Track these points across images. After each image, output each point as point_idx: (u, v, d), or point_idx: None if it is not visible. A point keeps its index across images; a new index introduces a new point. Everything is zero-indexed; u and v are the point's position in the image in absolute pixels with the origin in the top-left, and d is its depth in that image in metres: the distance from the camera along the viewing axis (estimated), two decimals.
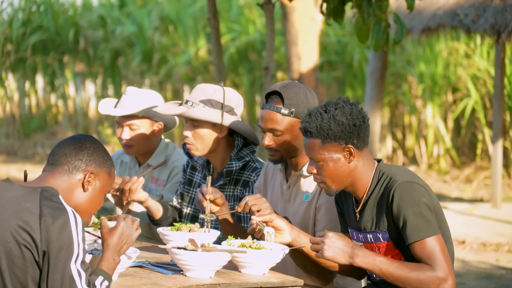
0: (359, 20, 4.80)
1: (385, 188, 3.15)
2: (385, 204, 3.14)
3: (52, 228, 2.62)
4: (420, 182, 3.15)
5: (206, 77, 15.32)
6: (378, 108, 10.35)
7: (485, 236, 8.45)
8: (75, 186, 2.82)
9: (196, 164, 4.06)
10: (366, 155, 3.21)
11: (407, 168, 3.27)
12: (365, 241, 3.24)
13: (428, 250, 3.06)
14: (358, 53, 13.71)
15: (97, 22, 16.20)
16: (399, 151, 13.46)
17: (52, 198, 2.70)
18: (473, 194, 11.34)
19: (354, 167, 3.17)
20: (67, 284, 2.61)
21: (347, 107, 3.16)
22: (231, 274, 3.16)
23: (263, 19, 14.59)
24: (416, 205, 3.08)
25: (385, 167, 3.21)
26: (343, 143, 3.14)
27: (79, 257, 2.65)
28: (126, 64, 16.06)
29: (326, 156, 3.15)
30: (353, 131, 3.14)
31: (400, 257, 3.19)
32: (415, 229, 3.06)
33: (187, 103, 3.86)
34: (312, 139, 3.16)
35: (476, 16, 8.61)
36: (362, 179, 3.20)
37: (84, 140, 2.86)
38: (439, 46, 12.82)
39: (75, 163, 2.81)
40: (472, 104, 12.43)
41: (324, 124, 3.13)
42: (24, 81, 16.15)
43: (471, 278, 7.09)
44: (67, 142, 2.85)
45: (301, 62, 9.91)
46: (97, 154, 2.85)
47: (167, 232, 3.41)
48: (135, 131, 4.27)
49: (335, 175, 3.16)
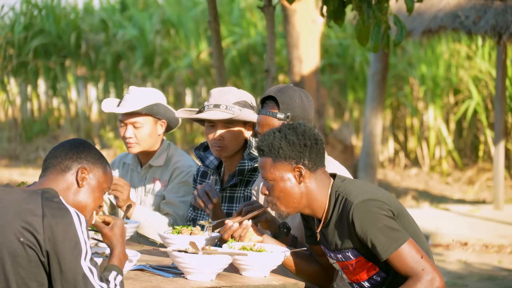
0: (359, 22, 4.80)
1: (343, 210, 3.13)
2: (347, 227, 3.12)
3: (57, 229, 2.64)
4: (374, 196, 3.12)
5: (208, 80, 15.33)
6: (380, 110, 10.35)
7: (487, 237, 8.44)
8: (71, 184, 2.85)
9: (208, 168, 4.07)
10: (320, 176, 3.19)
11: (361, 181, 3.26)
12: (336, 260, 3.25)
13: (405, 258, 3.05)
14: (359, 55, 13.71)
15: (98, 26, 16.22)
16: (401, 153, 13.46)
17: (53, 199, 2.72)
18: (475, 196, 11.33)
19: (305, 189, 3.16)
20: (81, 282, 2.64)
21: (300, 128, 3.17)
22: (232, 277, 3.16)
23: (264, 22, 14.59)
24: (378, 221, 3.06)
25: (339, 187, 3.18)
26: (294, 162, 3.14)
27: (87, 255, 2.68)
28: (127, 67, 16.07)
29: (276, 175, 3.15)
30: (303, 151, 3.13)
31: (375, 268, 3.18)
32: (386, 245, 3.05)
33: (221, 107, 3.89)
34: (264, 157, 3.17)
35: (477, 17, 8.61)
36: (318, 200, 3.18)
37: (74, 141, 2.91)
38: (441, 48, 12.82)
39: (66, 162, 2.85)
40: (474, 106, 12.43)
41: (275, 143, 3.14)
42: (26, 85, 16.16)
43: (474, 280, 7.09)
44: (57, 147, 2.91)
45: (303, 65, 9.91)
46: (88, 152, 2.89)
47: (168, 235, 3.42)
48: (139, 129, 4.30)
49: (285, 196, 3.15)
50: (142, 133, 4.31)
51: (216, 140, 3.90)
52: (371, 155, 10.26)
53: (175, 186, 4.31)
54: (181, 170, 4.34)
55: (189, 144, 15.46)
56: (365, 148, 10.33)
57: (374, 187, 3.20)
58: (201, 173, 4.18)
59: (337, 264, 3.26)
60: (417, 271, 3.04)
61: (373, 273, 3.18)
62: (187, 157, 4.42)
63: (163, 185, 4.37)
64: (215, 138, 3.90)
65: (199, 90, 15.87)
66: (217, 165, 4.09)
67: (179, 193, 4.29)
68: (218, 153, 3.93)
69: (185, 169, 4.33)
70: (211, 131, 3.93)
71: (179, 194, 4.29)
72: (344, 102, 14.32)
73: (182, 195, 4.29)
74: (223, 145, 3.91)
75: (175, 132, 15.89)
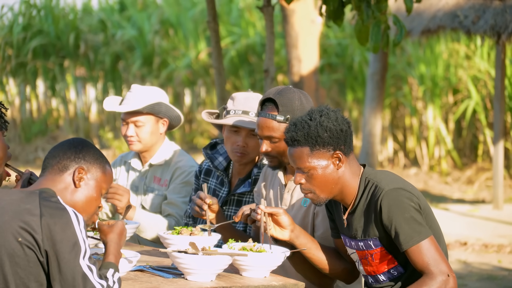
0: (358, 22, 4.80)
1: (372, 197, 3.14)
2: (373, 214, 3.13)
3: (55, 228, 2.64)
4: (405, 186, 3.15)
5: (207, 80, 15.32)
6: (379, 110, 10.35)
7: (487, 237, 8.44)
8: (68, 184, 2.84)
9: (217, 170, 4.05)
10: (352, 160, 3.21)
11: (392, 173, 3.27)
12: (357, 248, 3.24)
13: (424, 254, 3.06)
14: (358, 55, 13.70)
15: (97, 26, 16.21)
16: (400, 153, 13.46)
17: (51, 198, 2.72)
18: (475, 196, 11.34)
19: (342, 174, 3.16)
20: (80, 281, 2.64)
21: (332, 114, 3.16)
22: (232, 277, 3.16)
23: (263, 22, 14.59)
24: (405, 211, 3.08)
25: (370, 174, 3.20)
26: (331, 149, 3.13)
27: (86, 253, 2.68)
28: (126, 68, 16.06)
29: (315, 164, 3.13)
30: (340, 137, 3.14)
31: (393, 262, 3.18)
32: (408, 235, 3.06)
33: (250, 114, 3.85)
34: (299, 147, 3.14)
35: (476, 17, 8.61)
36: (350, 186, 3.19)
37: (73, 141, 2.90)
38: (440, 48, 12.82)
39: (64, 161, 2.85)
40: (473, 106, 12.43)
41: (311, 132, 3.12)
42: (25, 85, 16.15)
43: (473, 279, 7.08)
44: (56, 146, 2.91)
45: (302, 65, 9.91)
46: (86, 151, 2.88)
47: (167, 235, 3.41)
48: (140, 127, 4.31)
49: (324, 183, 3.15)
50: (143, 132, 4.32)
51: (240, 146, 3.86)
52: (370, 155, 10.25)
53: (177, 186, 4.31)
54: (183, 170, 4.33)
55: (188, 144, 15.45)
56: (364, 148, 10.33)
57: (404, 180, 3.22)
58: (204, 170, 4.15)
59: (356, 254, 3.25)
60: (433, 269, 3.05)
61: (392, 266, 3.18)
62: (188, 157, 4.41)
63: (164, 185, 4.37)
64: (240, 144, 3.85)
65: (198, 90, 15.86)
66: (225, 167, 4.08)
67: (181, 193, 4.29)
68: (239, 159, 3.89)
69: (187, 169, 4.33)
70: (235, 136, 3.87)
71: (181, 195, 4.29)
72: (343, 102, 14.32)
73: (184, 195, 4.29)
74: (245, 152, 3.87)
75: (174, 132, 15.88)
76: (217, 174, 4.08)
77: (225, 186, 4.03)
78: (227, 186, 4.02)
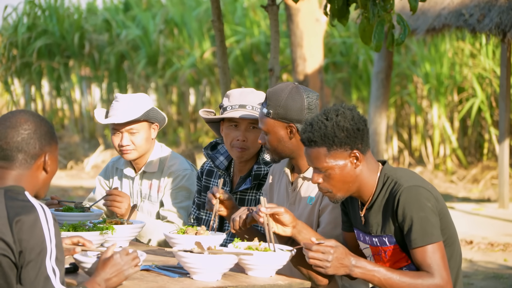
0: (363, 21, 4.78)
1: (390, 193, 3.14)
2: (391, 209, 3.13)
3: (22, 228, 2.57)
4: (425, 185, 3.14)
5: (211, 79, 15.33)
6: (384, 108, 10.34)
7: (492, 236, 8.43)
8: (38, 172, 2.75)
9: (218, 169, 4.04)
10: (369, 158, 3.20)
11: (413, 171, 3.26)
12: (371, 244, 3.23)
13: (429, 257, 3.06)
14: (363, 54, 13.70)
15: (102, 26, 16.23)
16: (405, 152, 13.44)
17: (18, 197, 2.64)
18: (480, 194, 11.32)
19: (359, 172, 3.16)
20: (41, 283, 2.57)
21: (348, 113, 3.15)
22: (238, 277, 3.16)
23: (268, 21, 14.59)
24: (421, 209, 3.07)
25: (390, 171, 3.20)
26: (349, 148, 3.13)
27: (52, 254, 2.60)
28: (131, 67, 16.08)
29: (332, 163, 3.13)
30: (357, 136, 3.13)
31: (407, 260, 3.18)
32: (419, 234, 3.06)
33: (247, 107, 3.85)
34: (316, 148, 3.13)
35: (481, 15, 8.59)
36: (368, 183, 3.18)
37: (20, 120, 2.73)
38: (444, 46, 12.80)
39: (30, 151, 2.72)
40: (478, 104, 12.41)
41: (328, 132, 3.11)
42: (30, 85, 16.18)
43: (479, 278, 7.07)
44: (5, 131, 2.71)
45: (306, 64, 9.90)
46: (41, 130, 2.75)
47: (173, 235, 3.41)
48: (135, 135, 4.24)
49: (342, 183, 3.14)
50: (138, 139, 4.24)
51: (240, 141, 3.85)
52: (375, 153, 10.25)
53: (172, 192, 4.25)
54: (177, 175, 4.26)
55: (193, 143, 15.46)
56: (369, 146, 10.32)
57: (424, 179, 3.21)
58: (206, 171, 4.13)
59: (369, 249, 3.24)
60: (434, 272, 3.05)
61: (404, 265, 3.18)
62: (181, 160, 4.34)
63: (159, 191, 4.32)
64: (239, 139, 3.84)
65: (202, 90, 15.87)
66: (227, 166, 4.07)
67: (177, 199, 4.24)
68: (240, 154, 3.87)
69: (181, 173, 4.26)
70: (234, 132, 3.86)
71: (177, 200, 4.23)
72: (348, 100, 14.32)
73: (181, 200, 4.23)
74: (246, 147, 3.87)
75: (179, 131, 15.89)
76: (218, 174, 4.07)
77: (227, 186, 4.02)
78: (229, 185, 4.02)
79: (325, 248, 3.07)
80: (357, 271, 3.09)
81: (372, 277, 3.09)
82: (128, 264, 2.84)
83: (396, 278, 3.08)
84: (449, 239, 3.17)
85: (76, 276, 3.11)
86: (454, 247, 3.19)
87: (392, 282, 3.08)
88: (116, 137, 4.26)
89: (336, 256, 3.06)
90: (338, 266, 3.07)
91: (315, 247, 3.07)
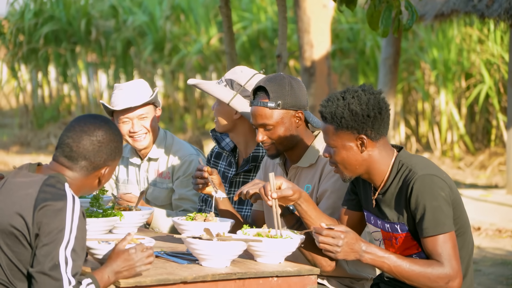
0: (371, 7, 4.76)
1: (404, 180, 3.12)
2: (404, 197, 3.12)
3: (47, 212, 2.64)
4: (440, 174, 3.12)
5: (218, 66, 15.30)
6: (391, 95, 10.31)
7: (500, 222, 8.41)
8: (92, 180, 2.87)
9: (223, 150, 4.05)
10: (382, 145, 3.17)
11: (428, 159, 3.23)
12: (382, 229, 3.22)
13: (440, 246, 3.05)
14: (370, 40, 13.65)
15: (108, 12, 16.20)
16: (413, 138, 13.42)
17: (56, 185, 2.72)
18: (488, 180, 11.30)
19: (367, 157, 3.15)
20: (49, 266, 2.62)
21: (365, 97, 3.12)
22: (247, 263, 3.15)
23: (275, 7, 14.55)
24: (435, 199, 3.06)
25: (405, 158, 3.18)
26: (356, 132, 3.12)
27: (70, 244, 2.65)
28: (138, 53, 16.06)
29: (339, 143, 3.14)
30: (366, 122, 3.11)
31: (417, 248, 3.17)
32: (431, 224, 3.05)
33: (219, 81, 3.95)
34: (327, 124, 3.16)
35: (490, 1, 8.53)
36: (378, 168, 3.17)
37: (97, 129, 2.83)
38: (452, 32, 12.75)
39: (96, 162, 2.84)
40: (486, 90, 12.36)
41: (338, 111, 3.11)
42: (36, 72, 16.18)
43: (487, 264, 7.06)
44: (80, 134, 2.82)
45: (313, 50, 9.87)
46: (112, 144, 2.86)
47: (182, 222, 3.40)
48: (145, 120, 4.21)
49: (347, 163, 3.15)
50: (148, 123, 4.23)
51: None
52: None
53: (183, 180, 4.23)
54: (183, 161, 4.24)
55: (200, 130, 15.45)
56: None
57: (439, 167, 3.19)
58: (215, 154, 4.14)
59: (380, 233, 3.24)
60: (444, 261, 3.04)
61: (414, 252, 3.17)
62: (185, 145, 4.32)
63: (166, 177, 4.28)
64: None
65: (209, 76, 15.85)
66: (233, 148, 4.07)
67: (188, 186, 4.22)
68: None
69: (187, 159, 4.24)
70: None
71: (189, 188, 4.21)
72: None
73: (192, 188, 4.21)
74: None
75: (186, 118, 15.88)
76: (225, 156, 4.08)
77: (232, 167, 4.03)
78: (234, 167, 4.02)
79: (335, 233, 3.07)
80: (367, 257, 3.08)
81: (381, 263, 3.09)
82: (141, 261, 2.85)
83: (406, 266, 3.07)
84: (461, 229, 3.16)
85: (85, 263, 3.10)
86: (466, 236, 3.17)
87: (401, 269, 3.07)
88: (125, 125, 4.21)
89: (346, 241, 3.06)
90: (348, 251, 3.07)
91: (326, 231, 3.07)
